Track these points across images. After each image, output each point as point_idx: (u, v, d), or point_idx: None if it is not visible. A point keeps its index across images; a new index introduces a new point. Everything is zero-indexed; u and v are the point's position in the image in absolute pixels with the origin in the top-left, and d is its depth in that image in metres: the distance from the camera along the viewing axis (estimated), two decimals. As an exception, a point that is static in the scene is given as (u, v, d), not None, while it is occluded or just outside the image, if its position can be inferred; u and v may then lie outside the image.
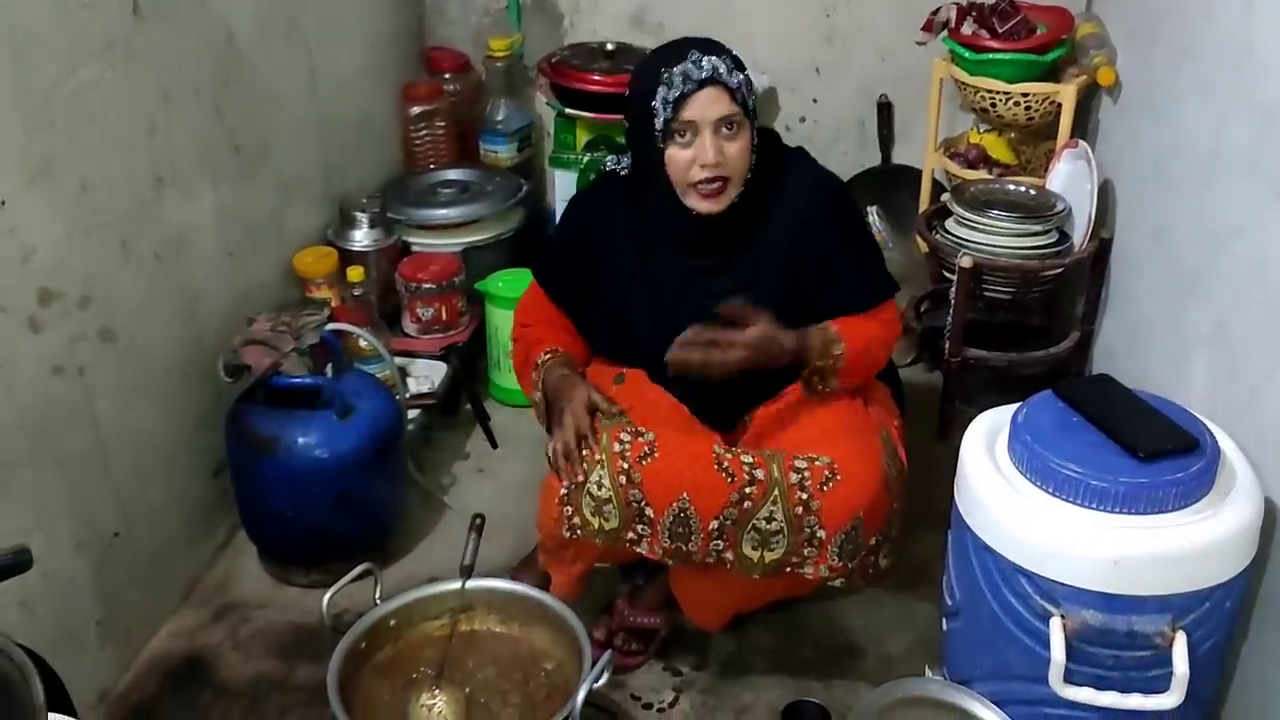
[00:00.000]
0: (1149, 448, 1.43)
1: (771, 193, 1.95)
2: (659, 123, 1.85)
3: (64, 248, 1.83)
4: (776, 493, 1.83)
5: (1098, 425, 1.50)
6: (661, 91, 1.84)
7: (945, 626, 1.70)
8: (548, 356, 2.04)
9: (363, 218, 2.72)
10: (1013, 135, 2.82)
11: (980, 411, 1.68)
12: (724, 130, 1.85)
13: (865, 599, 2.22)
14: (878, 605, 2.22)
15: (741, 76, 1.86)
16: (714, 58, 1.84)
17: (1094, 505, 1.42)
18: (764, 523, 1.84)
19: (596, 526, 1.87)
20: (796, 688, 2.00)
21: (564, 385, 1.95)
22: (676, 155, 1.87)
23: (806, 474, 1.84)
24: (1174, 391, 1.66)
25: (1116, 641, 1.43)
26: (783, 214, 1.94)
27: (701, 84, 1.82)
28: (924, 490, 2.07)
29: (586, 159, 2.93)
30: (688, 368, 1.84)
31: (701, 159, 1.85)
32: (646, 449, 1.85)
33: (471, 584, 1.91)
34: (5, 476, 1.74)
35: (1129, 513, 1.41)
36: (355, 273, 2.54)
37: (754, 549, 1.86)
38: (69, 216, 1.84)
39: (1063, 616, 1.44)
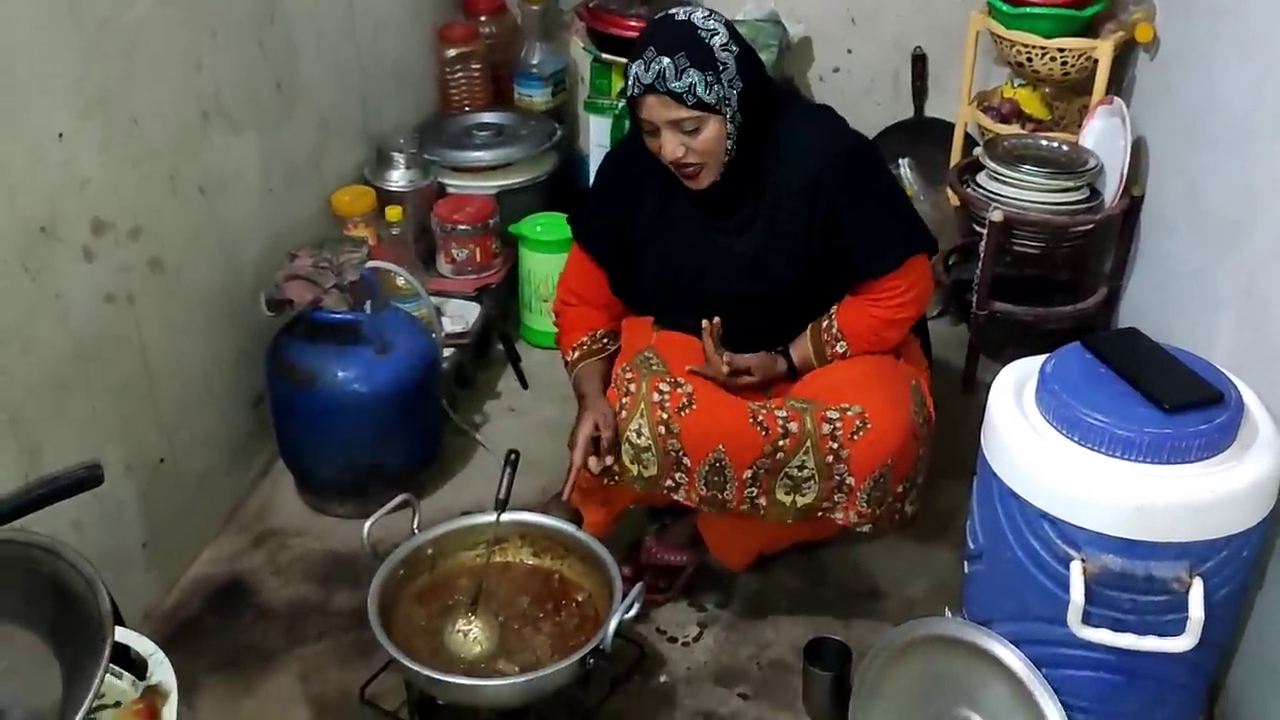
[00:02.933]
0: (1174, 399, 1.47)
1: (786, 154, 1.94)
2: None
3: (116, 179, 1.88)
4: (809, 443, 1.87)
5: (1124, 377, 1.53)
6: (625, 85, 1.87)
7: (966, 570, 1.75)
8: (576, 354, 2.11)
9: (399, 158, 2.75)
10: (1047, 90, 2.82)
11: (1005, 365, 1.71)
12: (684, 126, 1.84)
13: (887, 544, 2.27)
14: (899, 550, 2.27)
15: (696, 75, 1.79)
16: (665, 60, 1.79)
17: (1118, 454, 1.46)
18: (796, 470, 1.89)
19: (635, 474, 1.92)
20: (818, 627, 2.06)
21: (580, 404, 2.00)
22: (649, 142, 1.90)
23: (838, 424, 1.88)
24: (1201, 347, 1.69)
25: (1135, 586, 1.48)
26: (797, 177, 1.93)
27: (645, 90, 1.82)
28: (947, 441, 2.11)
29: (621, 105, 2.94)
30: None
31: (664, 154, 1.87)
32: (685, 400, 1.90)
33: (506, 517, 1.97)
34: (62, 401, 1.81)
35: (1152, 462, 1.45)
36: (394, 212, 2.58)
37: (786, 494, 1.91)
38: (121, 148, 1.89)
39: (1083, 561, 1.48)
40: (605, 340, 2.13)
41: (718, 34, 1.85)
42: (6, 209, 1.65)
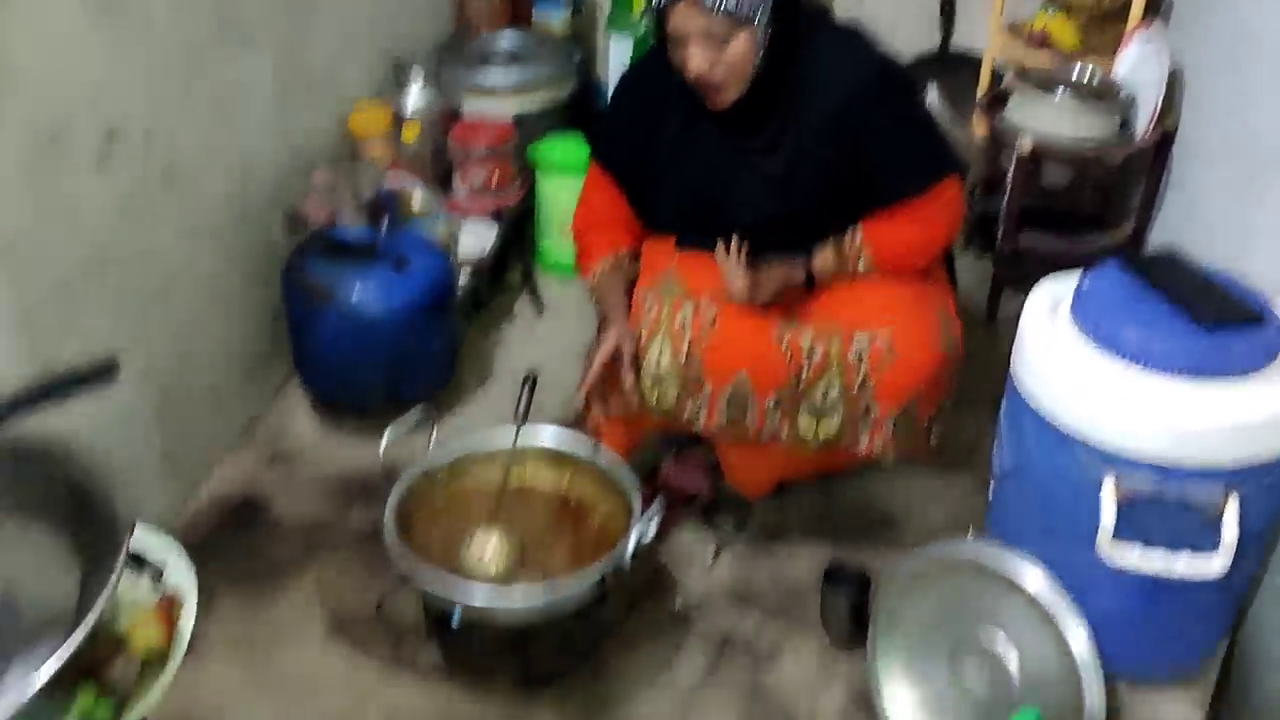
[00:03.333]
0: (1214, 316, 1.44)
1: (815, 75, 1.88)
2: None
3: (129, 87, 1.83)
4: (835, 369, 1.84)
5: (1163, 294, 1.50)
6: None
7: (992, 493, 1.73)
8: (598, 274, 2.07)
9: (416, 78, 2.70)
10: (1081, 18, 2.75)
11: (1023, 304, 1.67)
12: (713, 39, 1.78)
13: (905, 475, 2.25)
14: (918, 480, 2.25)
15: None
16: None
17: (1156, 372, 1.43)
18: (820, 398, 1.86)
19: (654, 401, 1.89)
20: (836, 553, 2.04)
21: (602, 324, 2.00)
22: (673, 57, 1.84)
23: (865, 352, 1.84)
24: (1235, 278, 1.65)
25: (1167, 508, 1.45)
26: (826, 99, 1.88)
27: None
28: (970, 374, 2.07)
29: (644, 24, 2.88)
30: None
31: (688, 69, 1.81)
32: (707, 325, 1.87)
33: (524, 436, 1.95)
34: (76, 310, 1.78)
35: (1190, 380, 1.42)
36: (411, 130, 2.53)
37: (809, 423, 1.88)
38: (134, 53, 1.84)
39: (1115, 481, 1.46)
40: (628, 259, 2.09)
41: None
42: (19, 111, 1.61)
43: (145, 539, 1.45)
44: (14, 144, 1.62)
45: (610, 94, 2.20)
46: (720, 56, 1.79)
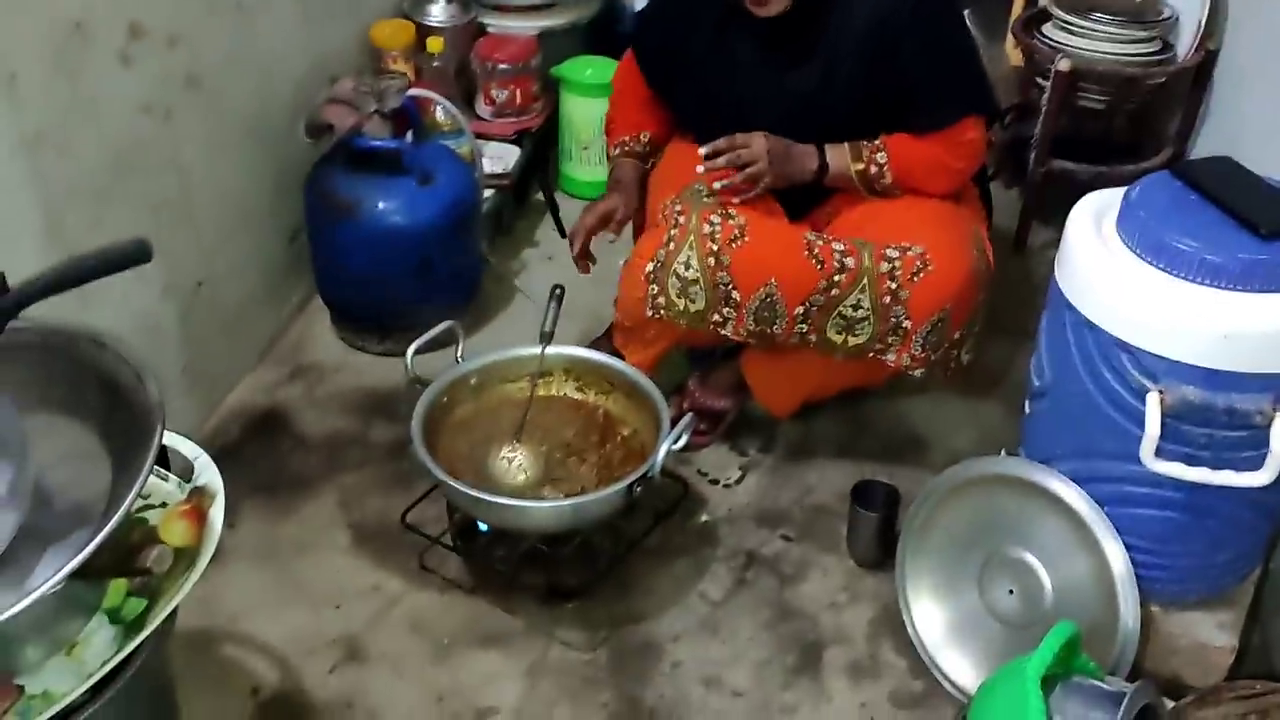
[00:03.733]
0: (1271, 224, 1.39)
1: None
2: None
3: (152, -19, 1.79)
4: (865, 281, 1.81)
5: (1216, 203, 1.45)
6: None
7: (1027, 409, 1.70)
8: (618, 151, 2.13)
9: (440, -8, 2.64)
10: (1121, -59, 2.67)
11: (1058, 229, 1.63)
12: None
13: (932, 398, 2.23)
14: (945, 404, 2.23)
15: None
16: None
17: (1206, 281, 1.39)
18: (850, 310, 1.83)
19: (682, 308, 1.87)
20: (862, 473, 2.02)
21: (608, 189, 2.09)
22: None
23: (898, 264, 1.81)
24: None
25: (1214, 419, 1.42)
26: (865, 14, 1.84)
27: None
28: (998, 302, 2.04)
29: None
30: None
31: None
32: (737, 232, 1.83)
33: (550, 350, 1.92)
34: (99, 211, 1.75)
35: (1243, 289, 1.38)
36: (435, 43, 2.48)
37: (838, 333, 1.85)
38: (157, -56, 1.80)
39: (1161, 392, 1.43)
40: (649, 144, 2.12)
41: None
42: (40, 0, 1.58)
43: (173, 440, 1.43)
44: (38, 32, 1.58)
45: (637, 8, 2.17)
46: None
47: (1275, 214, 1.41)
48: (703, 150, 1.85)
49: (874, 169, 1.89)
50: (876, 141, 1.89)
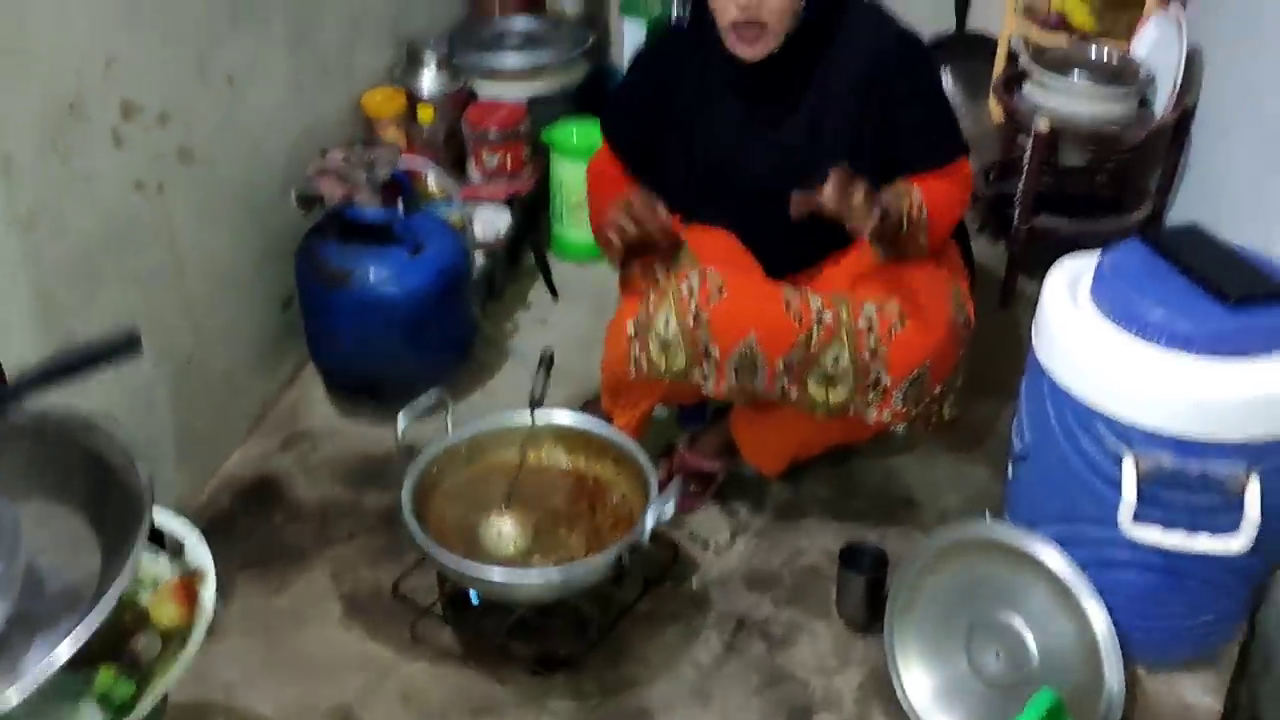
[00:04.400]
0: (1239, 291, 1.42)
1: (839, 44, 1.89)
2: None
3: (144, 59, 1.83)
4: (844, 335, 1.84)
5: (1185, 270, 1.49)
6: None
7: (1010, 472, 1.72)
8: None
9: (430, 61, 2.69)
10: (1096, 2, 2.73)
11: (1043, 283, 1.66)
12: None
13: (921, 456, 2.25)
14: (934, 463, 2.24)
15: None
16: None
17: (1178, 347, 1.42)
18: (830, 364, 1.85)
19: (664, 366, 1.89)
20: (851, 535, 2.03)
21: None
22: None
23: (875, 319, 1.84)
24: (1257, 254, 1.64)
25: (1188, 485, 1.44)
26: (850, 66, 1.89)
27: None
28: (985, 358, 2.07)
29: (657, 8, 2.87)
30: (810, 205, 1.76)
31: (735, 3, 1.79)
32: (715, 290, 1.86)
33: (540, 416, 1.94)
34: (92, 288, 1.78)
35: (1213, 356, 1.41)
36: (426, 112, 2.53)
37: (819, 388, 1.87)
38: (148, 24, 1.84)
39: (1136, 458, 1.45)
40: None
41: None
42: (35, 82, 1.62)
43: (164, 518, 1.45)
44: (33, 113, 1.62)
45: (625, 73, 2.20)
46: None
47: (1242, 281, 1.44)
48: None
49: (915, 210, 1.88)
50: (903, 184, 1.89)
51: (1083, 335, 1.49)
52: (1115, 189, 2.69)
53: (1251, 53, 2.20)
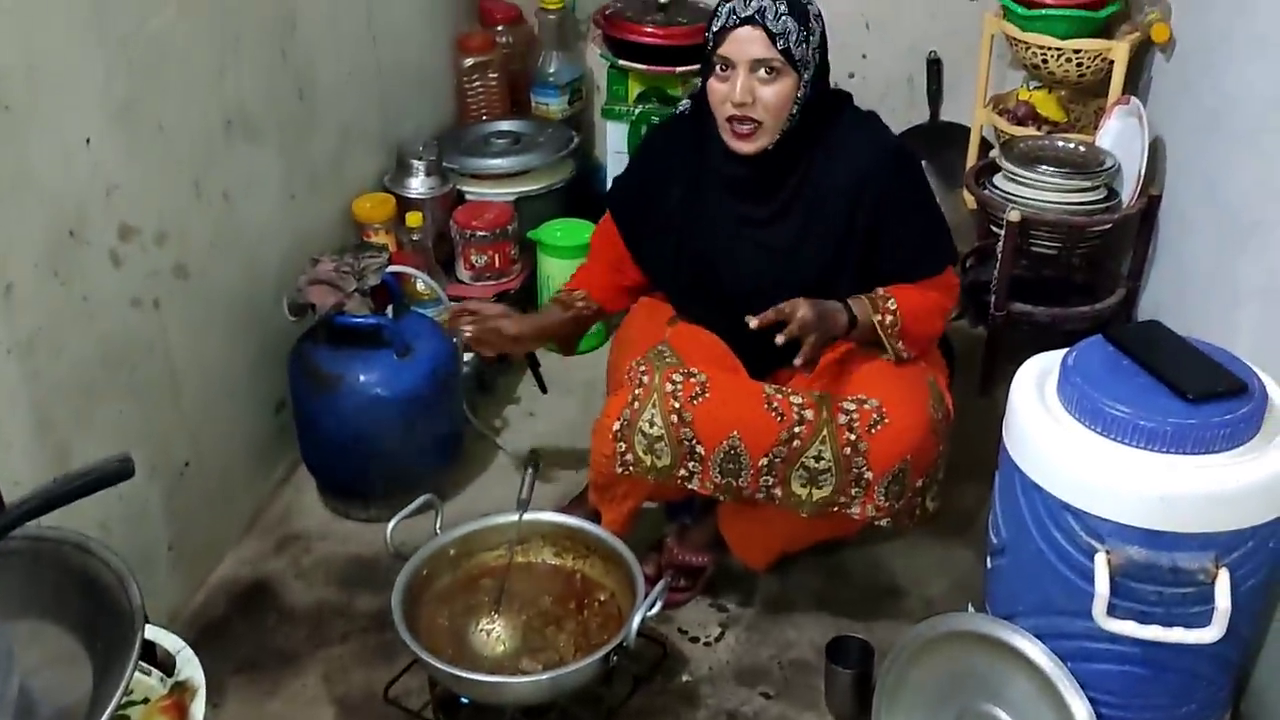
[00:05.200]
0: (1198, 389, 1.47)
1: (833, 149, 1.96)
2: (706, 53, 1.90)
3: (142, 185, 1.90)
4: (825, 432, 1.88)
5: (1146, 367, 1.53)
6: (713, 24, 1.88)
7: (989, 565, 1.75)
8: (551, 297, 2.28)
9: (419, 165, 2.77)
10: (1062, 93, 2.83)
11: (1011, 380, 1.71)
12: (761, 72, 1.85)
13: (907, 544, 2.27)
14: (919, 550, 2.27)
15: (791, 23, 1.84)
16: (767, 1, 1.83)
17: (1142, 444, 1.46)
18: (813, 461, 1.89)
19: (649, 464, 1.93)
20: (839, 626, 2.06)
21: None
22: (715, 87, 1.90)
23: (855, 416, 1.88)
24: (1222, 343, 1.68)
25: (1160, 577, 1.47)
26: (843, 172, 1.95)
27: (743, 21, 1.83)
28: (966, 443, 2.11)
29: (638, 111, 2.97)
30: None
31: (732, 95, 1.87)
32: (698, 389, 1.91)
33: (528, 517, 1.98)
34: (89, 404, 1.82)
35: (1176, 452, 1.45)
36: (414, 218, 2.60)
37: (802, 486, 1.91)
38: (147, 155, 1.91)
39: (1108, 552, 1.48)
40: (580, 303, 2.22)
41: (812, 3, 1.91)
42: (37, 213, 1.68)
43: (156, 634, 1.47)
44: (34, 242, 1.68)
45: (609, 179, 2.29)
46: (763, 93, 1.86)
47: (1200, 379, 1.48)
48: (753, 322, 1.85)
49: (889, 318, 1.95)
50: (882, 291, 1.96)
51: (1050, 433, 1.53)
52: (1090, 275, 2.76)
53: (1209, 144, 2.27)
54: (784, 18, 1.84)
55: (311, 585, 2.21)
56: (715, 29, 1.88)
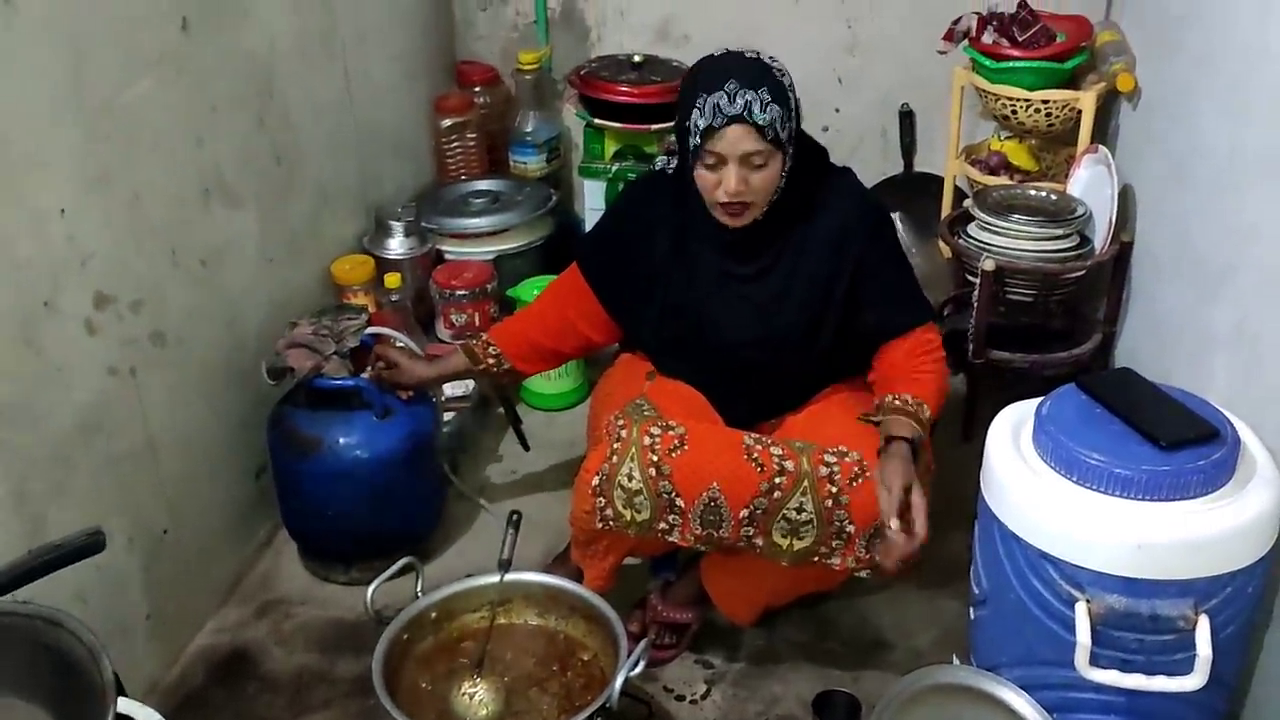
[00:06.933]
0: (1171, 436, 1.48)
1: (814, 207, 1.99)
2: (691, 144, 1.90)
3: (118, 254, 1.90)
4: (806, 484, 1.88)
5: (1120, 416, 1.54)
6: (695, 116, 1.86)
7: (972, 615, 1.75)
8: (474, 340, 2.27)
9: (398, 226, 2.79)
10: (1033, 142, 2.87)
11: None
12: (752, 161, 1.87)
13: (892, 595, 2.26)
14: (904, 601, 2.26)
15: (776, 111, 1.84)
16: (750, 93, 1.82)
17: (1117, 493, 1.47)
18: (794, 513, 1.89)
19: (629, 518, 1.93)
20: (826, 680, 2.04)
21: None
22: (704, 176, 1.91)
23: (836, 468, 1.88)
24: (1195, 387, 1.70)
25: (1140, 625, 1.47)
26: (824, 229, 1.98)
27: (730, 120, 1.83)
28: (948, 491, 2.11)
29: (615, 169, 3.00)
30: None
31: (724, 188, 1.88)
32: (676, 441, 1.91)
33: (509, 577, 1.96)
34: (65, 474, 1.81)
35: (1152, 500, 1.46)
36: (393, 279, 2.61)
37: (783, 537, 1.90)
38: (123, 224, 1.91)
39: (1088, 601, 1.48)
40: (491, 359, 2.24)
41: (785, 75, 1.91)
42: (10, 283, 1.68)
43: (130, 707, 1.45)
44: (5, 311, 1.67)
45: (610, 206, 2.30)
46: (753, 178, 1.88)
47: (1173, 426, 1.49)
48: (894, 524, 1.77)
49: (925, 413, 1.91)
50: (906, 397, 1.92)
51: (1027, 483, 1.54)
52: (1067, 321, 2.77)
53: (1178, 191, 2.31)
54: (769, 107, 1.83)
55: (292, 651, 2.19)
56: (701, 126, 1.86)
